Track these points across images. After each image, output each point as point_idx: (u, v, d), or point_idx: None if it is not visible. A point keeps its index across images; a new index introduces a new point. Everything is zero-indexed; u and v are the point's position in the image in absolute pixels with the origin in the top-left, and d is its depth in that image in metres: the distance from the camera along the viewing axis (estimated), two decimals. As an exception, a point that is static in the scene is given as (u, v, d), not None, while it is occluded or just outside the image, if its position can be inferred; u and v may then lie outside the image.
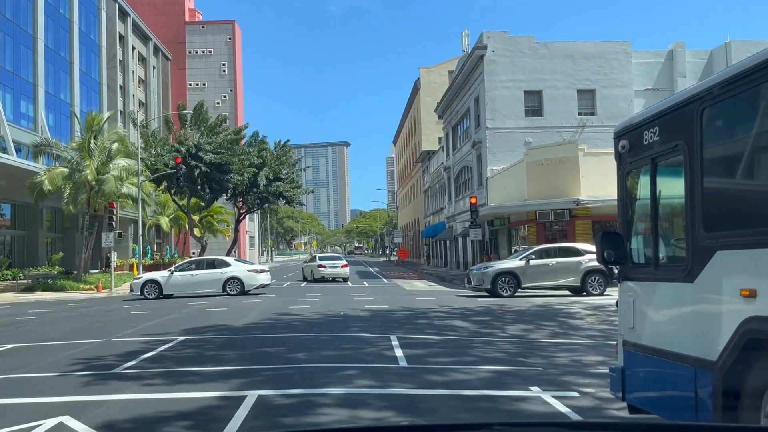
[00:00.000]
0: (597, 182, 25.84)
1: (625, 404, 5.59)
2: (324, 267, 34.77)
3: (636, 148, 5.42)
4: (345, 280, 34.55)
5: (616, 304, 5.93)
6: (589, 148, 28.79)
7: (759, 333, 3.84)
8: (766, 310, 3.79)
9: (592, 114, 35.53)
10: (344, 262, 36.16)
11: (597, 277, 21.84)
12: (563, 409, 6.61)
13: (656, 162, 5.12)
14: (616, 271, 5.74)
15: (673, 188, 4.93)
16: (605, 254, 5.40)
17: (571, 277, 22.15)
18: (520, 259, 22.91)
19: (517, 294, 22.31)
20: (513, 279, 22.21)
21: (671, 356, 4.74)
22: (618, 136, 5.75)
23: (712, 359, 4.18)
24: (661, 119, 5.07)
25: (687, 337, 4.59)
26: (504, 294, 22.02)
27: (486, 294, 22.46)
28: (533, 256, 22.73)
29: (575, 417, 6.28)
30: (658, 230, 5.14)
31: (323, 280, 34.29)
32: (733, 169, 4.44)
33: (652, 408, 5.15)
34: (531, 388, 7.58)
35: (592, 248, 23.98)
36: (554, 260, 22.42)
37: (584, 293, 21.83)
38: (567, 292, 22.56)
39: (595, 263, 21.79)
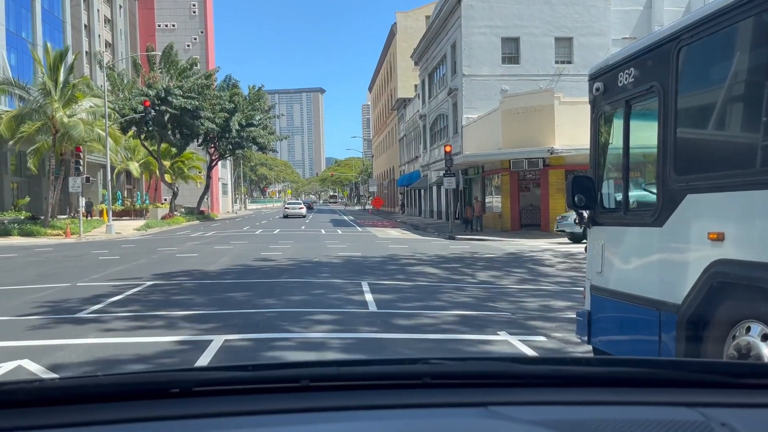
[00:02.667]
0: (572, 131, 25.75)
1: (590, 348, 5.64)
2: (288, 208, 56.91)
3: (610, 90, 5.29)
4: (303, 216, 54.02)
5: (585, 249, 5.91)
6: (565, 96, 28.60)
7: (725, 276, 3.81)
8: (733, 254, 3.76)
9: (569, 62, 35.21)
10: (301, 205, 58.67)
11: None
12: (529, 352, 6.67)
13: (630, 104, 5.00)
14: (585, 216, 5.68)
15: (646, 131, 4.82)
16: (575, 199, 5.31)
17: None
18: None
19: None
20: None
21: (637, 300, 4.73)
22: (593, 78, 5.60)
23: (677, 302, 4.17)
24: (637, 60, 4.92)
25: (653, 281, 4.58)
26: None
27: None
28: None
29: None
30: (629, 174, 5.07)
31: (287, 216, 53.33)
32: (707, 110, 4.34)
33: (617, 351, 5.19)
34: (498, 332, 7.64)
35: None
36: None
37: None
38: (537, 239, 22.77)
39: None
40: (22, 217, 33.23)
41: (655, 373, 1.39)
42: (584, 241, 6.51)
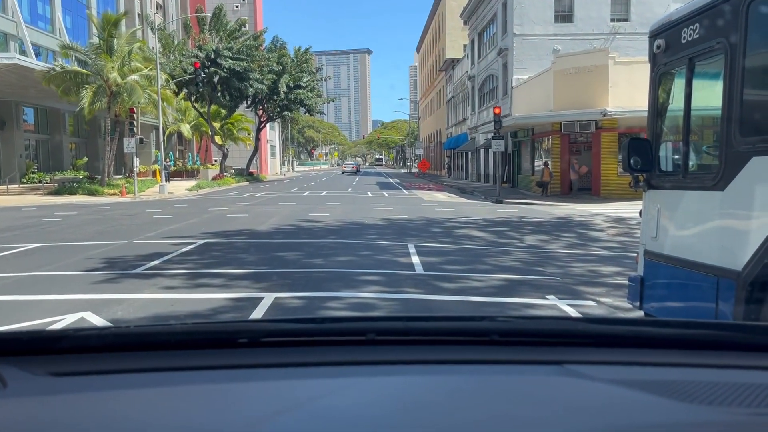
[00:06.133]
0: (626, 93, 24.90)
1: (642, 314, 5.54)
2: (345, 167, 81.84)
3: (673, 47, 5.05)
4: (355, 174, 72.40)
5: (640, 213, 5.75)
6: (620, 56, 27.59)
7: (790, 242, 3.66)
8: (800, 219, 3.60)
9: (625, 20, 33.81)
10: (353, 165, 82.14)
11: None
12: (580, 316, 6.60)
13: (693, 62, 4.77)
14: (641, 180, 5.52)
15: (710, 90, 4.61)
16: (632, 161, 5.16)
17: None
18: None
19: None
20: None
21: (694, 266, 4.60)
22: (654, 35, 5.36)
23: (737, 269, 4.03)
24: (703, 15, 4.68)
25: (712, 247, 4.44)
26: None
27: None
28: None
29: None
30: (690, 135, 4.87)
31: (344, 173, 73.68)
32: (778, 69, 4.11)
33: (670, 317, 5.08)
34: (547, 296, 7.58)
35: None
36: None
37: None
38: (587, 204, 22.33)
39: None
40: (81, 177, 34.44)
41: (740, 336, 1.35)
42: None
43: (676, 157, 5.14)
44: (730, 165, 4.21)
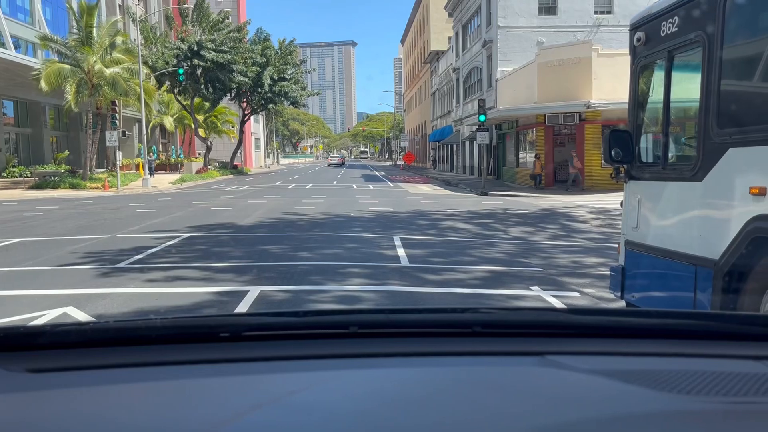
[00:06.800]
0: (609, 85, 25.04)
1: (623, 303, 5.62)
2: (331, 160, 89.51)
3: (652, 40, 5.11)
4: (340, 165, 78.47)
5: (621, 204, 5.82)
6: (604, 48, 27.71)
7: (765, 232, 3.73)
8: (775, 209, 3.67)
9: (609, 13, 33.95)
10: (339, 158, 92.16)
11: None
12: (562, 307, 6.67)
13: (673, 54, 4.83)
14: (622, 171, 5.58)
15: (688, 83, 4.67)
16: (612, 153, 5.22)
17: None
18: None
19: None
20: None
21: (673, 255, 4.67)
22: (634, 28, 5.42)
23: (715, 258, 4.11)
24: (682, 8, 4.73)
25: (691, 236, 4.51)
26: None
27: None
28: None
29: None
30: (670, 127, 4.93)
31: (330, 165, 78.42)
32: (753, 62, 4.17)
33: (650, 306, 5.16)
34: (531, 287, 7.65)
35: None
36: None
37: None
38: (571, 195, 22.49)
39: None
40: (62, 171, 34.00)
41: (718, 326, 1.37)
42: None
43: (656, 148, 5.21)
44: (707, 156, 4.27)
